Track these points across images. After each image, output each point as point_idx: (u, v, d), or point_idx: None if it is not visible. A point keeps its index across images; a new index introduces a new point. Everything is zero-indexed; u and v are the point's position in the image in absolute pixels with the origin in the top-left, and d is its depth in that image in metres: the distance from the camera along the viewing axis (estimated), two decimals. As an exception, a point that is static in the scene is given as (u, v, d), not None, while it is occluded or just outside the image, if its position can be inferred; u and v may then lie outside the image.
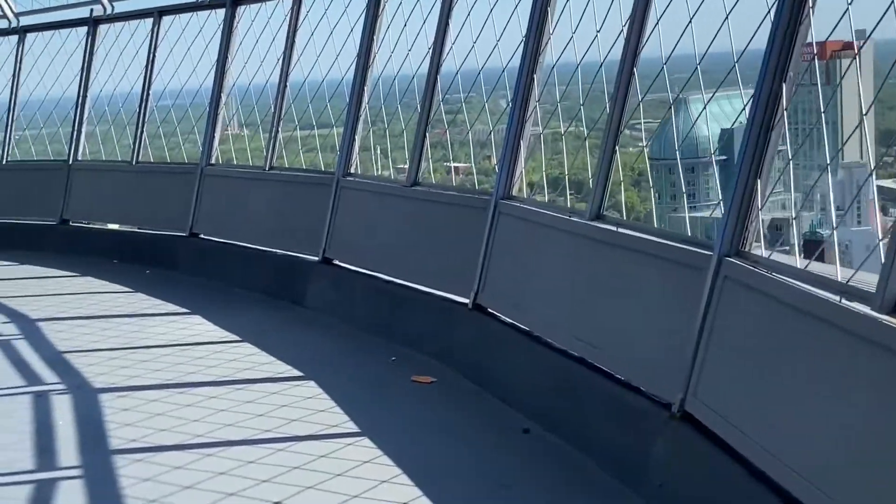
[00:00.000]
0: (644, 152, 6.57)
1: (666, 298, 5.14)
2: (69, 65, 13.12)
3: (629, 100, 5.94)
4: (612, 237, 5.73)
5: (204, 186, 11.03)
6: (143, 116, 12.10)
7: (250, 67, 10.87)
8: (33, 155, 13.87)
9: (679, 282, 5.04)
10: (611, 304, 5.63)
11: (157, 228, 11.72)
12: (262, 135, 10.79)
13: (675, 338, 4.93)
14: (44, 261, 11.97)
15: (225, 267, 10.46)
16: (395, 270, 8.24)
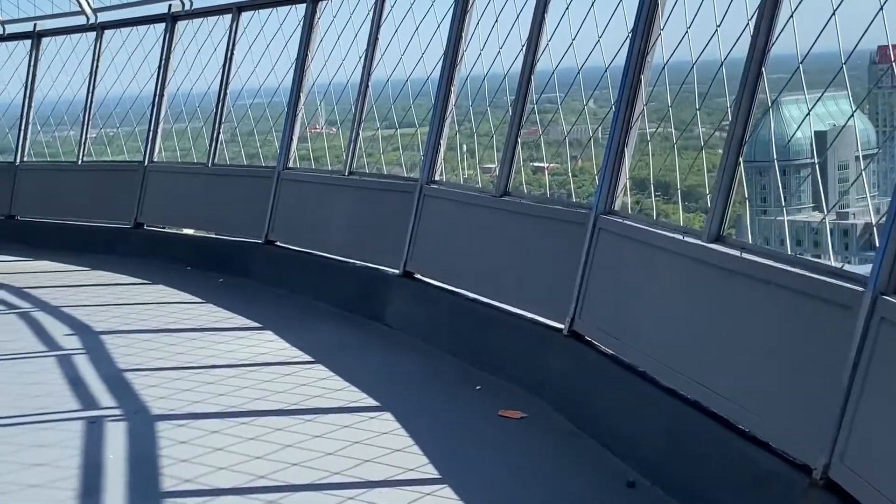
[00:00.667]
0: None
1: (806, 341, 4.34)
2: (146, 62, 12.68)
3: (756, 103, 5.14)
4: (735, 264, 4.94)
5: (281, 191, 10.44)
6: (219, 117, 11.58)
7: (331, 65, 10.27)
8: (109, 155, 13.46)
9: (822, 322, 4.24)
10: (735, 344, 4.83)
11: (233, 234, 11.19)
12: (342, 136, 10.17)
13: (818, 389, 4.13)
14: (117, 266, 11.55)
15: (300, 277, 9.86)
16: (481, 288, 7.52)
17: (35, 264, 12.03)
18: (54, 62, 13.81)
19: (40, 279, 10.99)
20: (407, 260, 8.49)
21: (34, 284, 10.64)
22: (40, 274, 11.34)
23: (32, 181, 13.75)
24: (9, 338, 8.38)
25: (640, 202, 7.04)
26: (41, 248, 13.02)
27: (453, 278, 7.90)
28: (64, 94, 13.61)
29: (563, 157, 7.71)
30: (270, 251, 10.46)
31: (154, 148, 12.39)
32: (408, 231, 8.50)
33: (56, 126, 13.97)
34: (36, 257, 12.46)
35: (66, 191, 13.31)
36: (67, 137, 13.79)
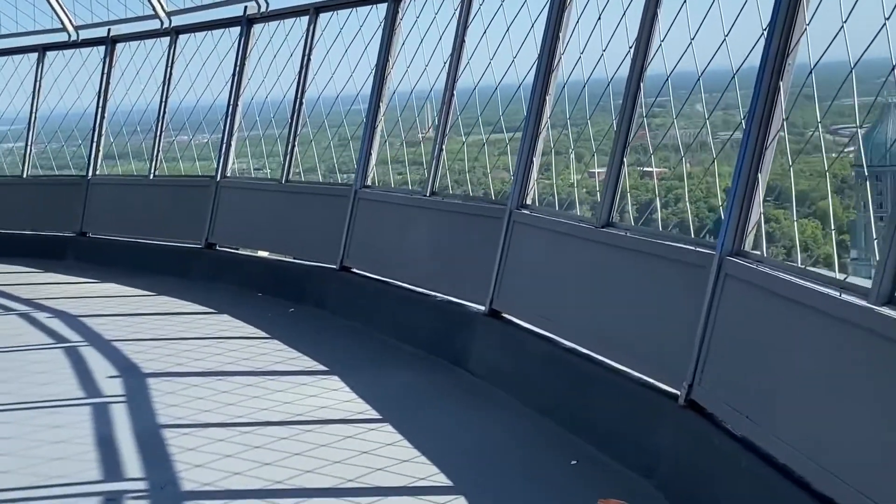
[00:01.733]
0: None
1: None
2: (220, 69, 11.77)
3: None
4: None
5: (358, 212, 9.38)
6: (294, 128, 10.58)
7: (413, 71, 9.17)
8: (181, 169, 12.60)
9: None
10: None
11: (308, 258, 10.17)
12: (423, 150, 9.07)
13: None
14: (184, 291, 10.66)
15: (376, 310, 8.78)
16: (581, 336, 6.32)
17: (101, 287, 11.21)
18: (128, 69, 13.03)
19: (101, 306, 10.14)
20: (493, 296, 7.33)
21: (92, 312, 9.78)
22: (103, 300, 10.50)
23: (104, 196, 12.98)
24: (48, 380, 7.47)
25: (776, 227, 5.80)
26: (111, 268, 12.26)
27: (548, 322, 6.70)
28: (137, 102, 12.80)
29: (670, 161, 6.54)
30: (346, 279, 9.40)
31: (227, 161, 11.46)
32: (495, 262, 7.35)
33: (129, 137, 13.17)
34: (104, 278, 11.67)
35: (137, 207, 12.50)
36: (140, 148, 12.97)
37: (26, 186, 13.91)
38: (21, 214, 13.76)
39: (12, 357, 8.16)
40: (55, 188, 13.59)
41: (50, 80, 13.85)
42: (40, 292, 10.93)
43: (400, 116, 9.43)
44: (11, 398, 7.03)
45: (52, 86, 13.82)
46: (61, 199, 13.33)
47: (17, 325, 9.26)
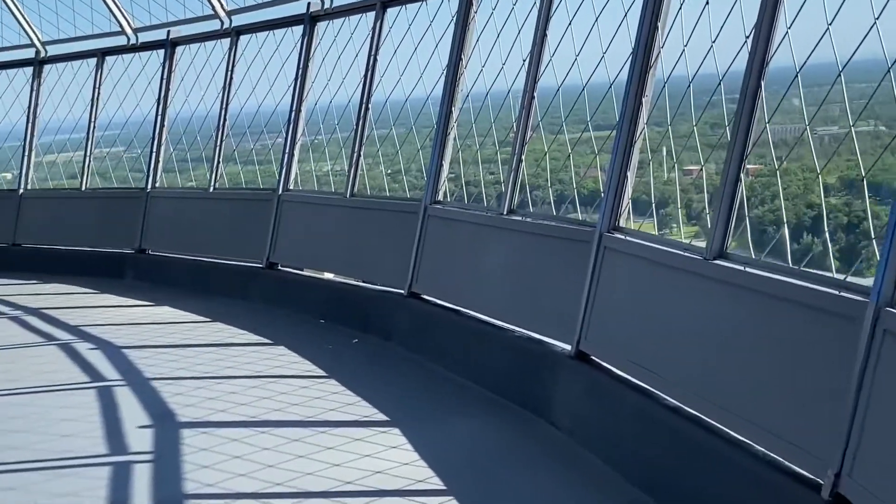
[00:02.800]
0: None
1: None
2: (283, 71, 10.81)
3: None
4: None
5: (428, 232, 8.31)
6: (360, 135, 9.54)
7: (489, 70, 8.06)
8: (243, 181, 11.67)
9: None
10: None
11: (374, 282, 9.13)
12: (499, 162, 7.94)
13: None
14: (242, 316, 9.75)
15: (447, 343, 7.70)
16: (687, 393, 5.13)
17: (154, 312, 10.34)
18: (187, 73, 12.16)
19: (150, 334, 9.24)
20: (581, 336, 6.18)
21: (139, 342, 8.88)
22: (153, 327, 9.59)
23: (164, 210, 12.14)
24: (72, 430, 6.49)
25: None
26: (169, 288, 11.42)
27: (646, 373, 5.53)
28: (197, 108, 11.91)
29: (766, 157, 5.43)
30: (414, 307, 8.33)
31: (290, 172, 10.49)
32: (583, 294, 6.20)
33: (189, 146, 12.30)
34: (159, 300, 10.81)
35: (197, 222, 11.62)
36: (200, 157, 12.09)
37: (85, 200, 13.15)
38: (80, 229, 13.01)
39: (39, 400, 7.25)
40: (114, 202, 12.81)
41: (109, 86, 13.09)
42: (90, 317, 10.10)
43: (474, 122, 8.29)
44: (24, 454, 6.09)
45: (111, 92, 13.06)
46: (120, 213, 12.54)
47: (55, 359, 8.38)
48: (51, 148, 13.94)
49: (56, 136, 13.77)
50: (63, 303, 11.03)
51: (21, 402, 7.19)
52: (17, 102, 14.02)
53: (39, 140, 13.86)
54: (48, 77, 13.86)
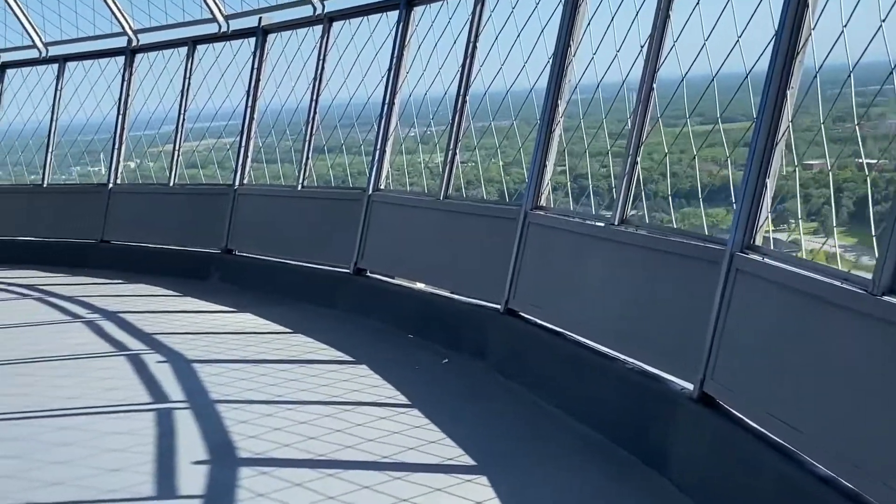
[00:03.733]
0: None
1: None
2: (376, 61, 9.97)
3: None
4: None
5: (527, 241, 7.36)
6: (456, 130, 8.64)
7: (601, 58, 7.07)
8: (331, 178, 10.88)
9: None
10: None
11: (468, 294, 8.22)
12: (611, 165, 6.95)
13: None
14: (325, 328, 9.00)
15: (549, 371, 6.74)
16: (837, 458, 4.09)
17: (235, 319, 9.63)
18: (279, 62, 11.43)
19: (225, 346, 8.51)
20: (706, 375, 5.17)
21: (212, 355, 8.17)
22: (231, 337, 8.86)
23: (250, 209, 11.44)
24: (118, 463, 5.76)
25: None
26: (254, 292, 10.74)
27: (788, 430, 4.49)
28: (287, 100, 11.17)
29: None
30: (511, 325, 7.39)
31: (381, 171, 9.65)
32: (708, 327, 5.18)
33: (278, 140, 11.56)
34: (242, 306, 10.11)
35: (284, 223, 10.87)
36: (288, 150, 11.34)
37: (173, 196, 12.54)
38: (168, 227, 12.43)
39: (93, 423, 6.52)
40: (201, 198, 12.16)
41: (199, 76, 12.45)
42: (167, 324, 9.43)
43: (582, 117, 7.30)
44: (64, 492, 5.36)
45: (200, 83, 12.41)
46: (207, 210, 11.89)
47: (120, 373, 7.69)
48: (140, 141, 13.38)
49: (145, 129, 13.21)
50: (143, 306, 10.43)
51: (74, 425, 6.49)
52: (108, 93, 13.50)
53: (129, 132, 13.30)
54: (139, 67, 13.31)
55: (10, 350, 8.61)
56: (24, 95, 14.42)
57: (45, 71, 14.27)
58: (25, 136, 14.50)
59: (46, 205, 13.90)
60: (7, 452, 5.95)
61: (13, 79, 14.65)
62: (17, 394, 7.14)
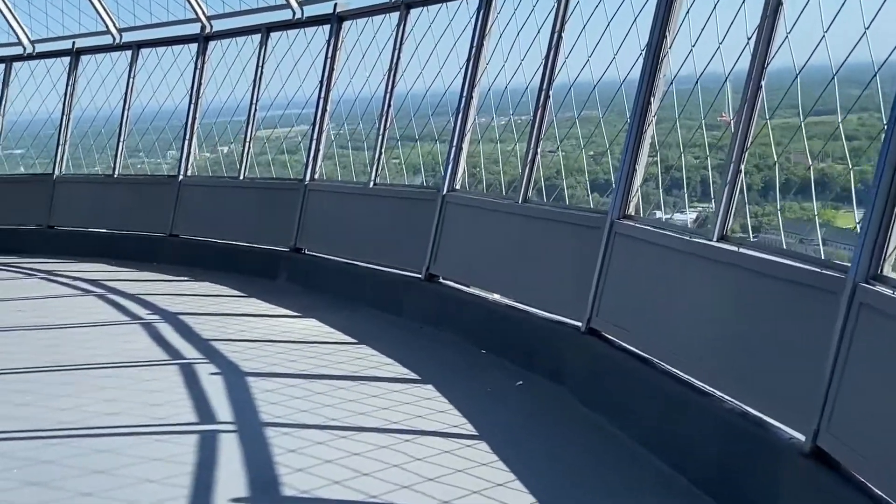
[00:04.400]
0: None
1: None
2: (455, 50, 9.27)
3: None
4: None
5: (613, 253, 6.61)
6: (538, 127, 7.90)
7: (701, 49, 6.27)
8: (404, 175, 10.22)
9: None
10: None
11: (546, 309, 7.48)
12: (711, 170, 6.15)
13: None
14: (393, 339, 8.35)
15: (637, 404, 5.97)
16: None
17: (299, 326, 9.05)
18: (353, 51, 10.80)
19: (285, 356, 7.92)
20: (820, 427, 4.38)
21: (269, 367, 7.58)
22: (292, 347, 8.28)
23: (321, 206, 10.85)
24: (158, 496, 5.20)
25: None
26: (321, 295, 10.19)
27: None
28: (362, 91, 10.54)
29: None
30: (593, 347, 6.64)
31: (457, 169, 8.95)
32: (825, 367, 4.39)
33: (351, 133, 10.95)
34: (307, 310, 9.53)
35: (355, 222, 10.26)
36: (361, 145, 10.73)
37: (245, 190, 12.02)
38: (238, 223, 11.91)
39: (131, 447, 5.96)
40: (272, 194, 11.60)
41: (272, 65, 11.90)
42: (227, 328, 8.91)
43: (678, 115, 6.51)
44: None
45: (273, 72, 11.85)
46: (277, 207, 11.35)
47: (170, 385, 7.14)
48: (212, 131, 12.89)
49: (217, 119, 12.70)
50: (205, 307, 9.93)
51: (110, 448, 5.93)
52: (180, 81, 13.04)
53: (201, 122, 12.82)
54: (212, 55, 12.82)
55: (62, 352, 8.15)
56: (97, 83, 14.07)
57: (119, 58, 13.88)
58: (98, 124, 14.13)
59: (117, 196, 13.51)
60: (31, 477, 5.41)
61: (87, 65, 14.29)
62: (56, 407, 6.63)
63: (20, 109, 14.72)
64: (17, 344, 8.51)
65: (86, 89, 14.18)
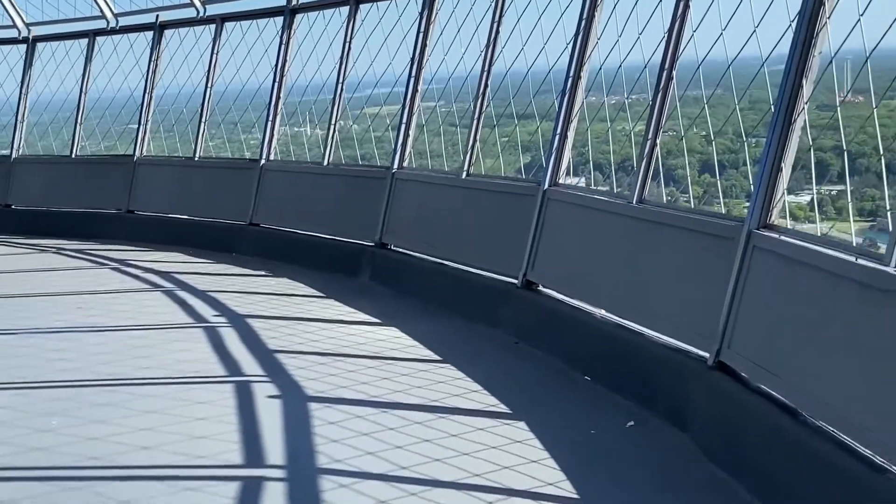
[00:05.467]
0: None
1: None
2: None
3: None
4: None
5: (750, 269, 5.34)
6: (658, 115, 6.64)
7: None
8: (502, 168, 9.04)
9: None
10: None
11: (664, 332, 6.23)
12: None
13: None
14: (483, 359, 7.23)
15: (774, 458, 4.72)
16: None
17: (380, 335, 8.00)
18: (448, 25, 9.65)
19: (354, 377, 6.86)
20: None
21: (334, 388, 6.52)
22: (366, 363, 7.20)
23: (407, 197, 9.76)
24: None
25: None
26: (407, 299, 9.17)
27: None
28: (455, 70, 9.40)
29: None
30: (724, 387, 5.38)
31: (560, 159, 7.75)
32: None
33: (443, 119, 9.80)
34: (390, 317, 8.49)
35: (445, 216, 9.14)
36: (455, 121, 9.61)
37: (328, 178, 11.00)
38: (321, 213, 10.93)
39: (153, 495, 4.97)
40: (357, 182, 10.56)
41: (360, 41, 10.85)
42: (297, 337, 7.92)
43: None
44: None
45: (363, 46, 10.80)
46: (363, 197, 10.30)
47: (218, 412, 6.12)
48: (296, 113, 11.90)
49: (301, 98, 11.70)
50: (278, 309, 8.96)
51: (134, 497, 4.93)
52: (265, 58, 12.09)
53: (285, 102, 11.85)
54: (299, 28, 11.83)
55: (111, 361, 7.23)
56: (179, 60, 13.23)
57: (202, 33, 13.00)
58: (179, 104, 13.29)
59: (197, 180, 12.65)
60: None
61: (170, 40, 13.45)
62: (83, 436, 5.66)
63: (102, 87, 14.01)
64: (65, 350, 7.62)
65: (168, 66, 13.38)
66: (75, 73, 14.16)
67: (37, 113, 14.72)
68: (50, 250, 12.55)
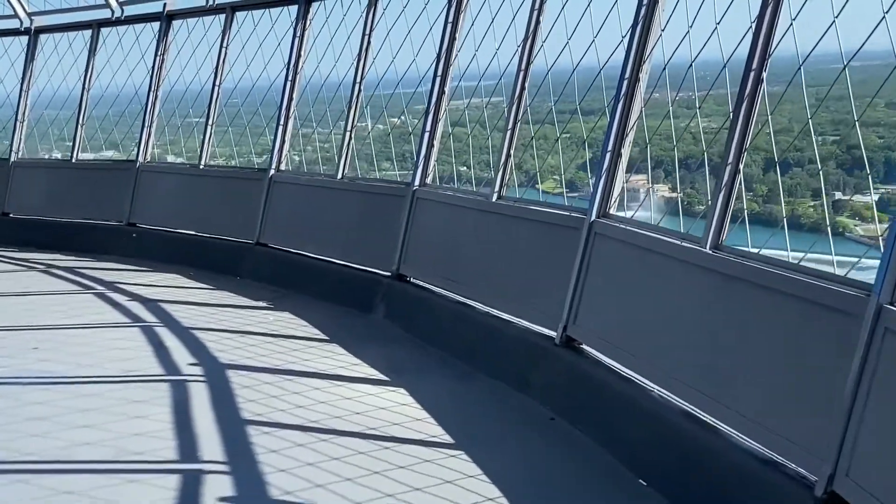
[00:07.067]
0: None
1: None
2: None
3: None
4: None
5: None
6: (747, 124, 4.95)
7: None
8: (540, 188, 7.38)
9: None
10: None
11: (737, 428, 4.56)
12: None
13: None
14: (509, 444, 5.64)
15: None
16: None
17: (382, 400, 6.44)
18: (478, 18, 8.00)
19: (345, 465, 5.27)
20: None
21: (312, 484, 4.93)
22: (360, 444, 5.62)
23: (429, 221, 8.13)
24: None
25: None
26: (422, 345, 7.63)
27: None
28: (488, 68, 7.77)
29: None
30: None
31: (611, 187, 6.08)
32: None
33: (471, 129, 8.17)
34: (399, 372, 6.93)
35: (474, 247, 7.50)
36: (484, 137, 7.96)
37: (343, 193, 9.41)
38: (334, 235, 9.37)
39: None
40: (376, 199, 8.95)
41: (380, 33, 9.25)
42: (282, 399, 6.40)
43: None
44: None
45: (384, 39, 9.22)
46: (382, 217, 8.71)
47: None
48: (309, 115, 10.32)
49: (316, 97, 10.14)
50: (268, 357, 7.39)
51: None
52: (278, 52, 10.57)
53: (297, 104, 10.30)
54: (314, 18, 10.29)
55: (42, 435, 5.72)
56: (186, 54, 11.76)
57: (212, 24, 11.52)
58: (186, 102, 11.82)
59: (203, 191, 11.16)
60: None
61: (178, 32, 11.99)
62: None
63: (105, 84, 12.61)
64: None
65: (175, 60, 11.91)
66: (78, 68, 12.80)
67: (38, 111, 13.37)
68: (39, 267, 11.19)
